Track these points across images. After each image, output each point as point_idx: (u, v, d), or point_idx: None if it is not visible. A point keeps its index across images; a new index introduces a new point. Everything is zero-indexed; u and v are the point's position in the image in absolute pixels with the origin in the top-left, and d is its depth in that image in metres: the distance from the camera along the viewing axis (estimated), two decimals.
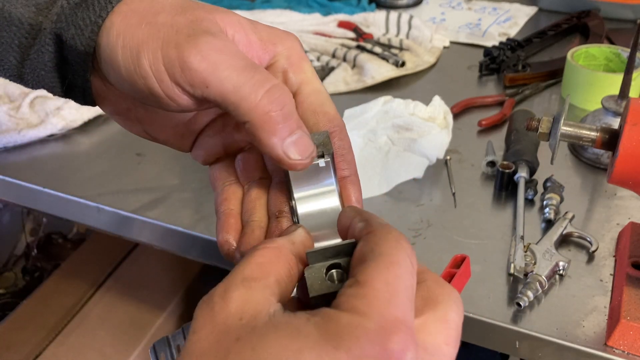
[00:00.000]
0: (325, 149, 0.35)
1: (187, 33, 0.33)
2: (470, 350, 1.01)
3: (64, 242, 1.41)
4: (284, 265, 0.30)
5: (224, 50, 0.33)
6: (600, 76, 0.87)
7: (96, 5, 0.35)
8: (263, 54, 0.37)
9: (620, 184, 0.52)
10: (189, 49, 0.33)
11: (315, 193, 0.37)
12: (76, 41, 0.36)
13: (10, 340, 1.08)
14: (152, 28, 0.34)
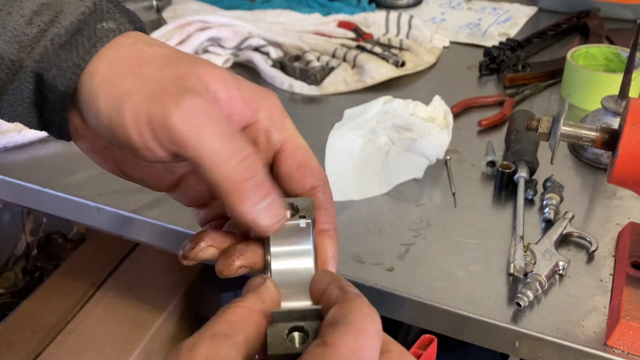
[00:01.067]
0: (308, 214, 0.37)
1: (173, 91, 0.34)
2: (470, 350, 1.01)
3: (64, 242, 1.41)
4: (254, 325, 0.31)
5: (208, 113, 0.34)
6: (600, 76, 0.87)
7: (80, 48, 0.35)
8: (245, 112, 0.38)
9: (620, 184, 0.52)
10: (174, 109, 0.33)
11: (292, 251, 0.37)
12: (57, 81, 0.36)
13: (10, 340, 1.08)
14: (138, 80, 0.34)
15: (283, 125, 0.39)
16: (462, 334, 0.60)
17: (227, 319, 0.31)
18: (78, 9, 0.36)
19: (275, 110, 0.39)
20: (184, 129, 0.33)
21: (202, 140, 0.33)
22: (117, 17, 0.37)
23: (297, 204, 0.38)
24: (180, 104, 0.33)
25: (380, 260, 0.64)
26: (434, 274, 0.62)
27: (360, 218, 0.71)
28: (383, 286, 0.61)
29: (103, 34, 0.36)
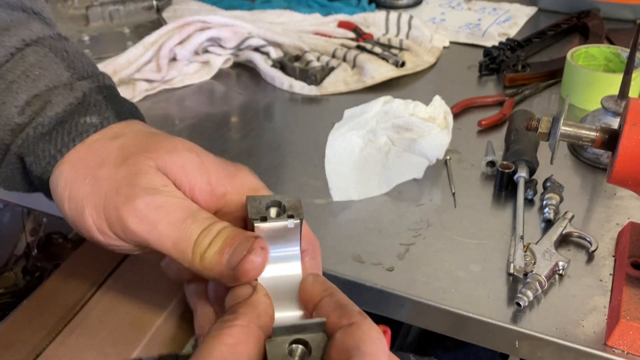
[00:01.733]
0: (296, 213, 0.36)
1: (125, 194, 0.35)
2: (469, 350, 1.02)
3: (64, 242, 1.40)
4: (254, 345, 0.30)
5: (163, 206, 0.35)
6: (600, 76, 0.87)
7: (59, 140, 0.37)
8: (210, 200, 0.38)
9: (619, 184, 0.52)
10: (127, 212, 0.35)
11: (279, 256, 0.36)
12: (33, 168, 0.38)
13: (10, 340, 1.08)
14: (95, 184, 0.36)
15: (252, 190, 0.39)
16: (462, 334, 0.60)
17: (225, 342, 0.29)
18: (66, 99, 0.38)
19: (244, 188, 0.39)
20: (140, 228, 0.35)
21: (162, 234, 0.35)
22: (102, 110, 0.38)
23: (284, 202, 0.36)
24: (134, 207, 0.35)
25: (380, 260, 0.64)
26: (434, 274, 0.62)
27: (360, 218, 0.71)
28: (383, 286, 0.61)
29: (84, 129, 0.37)
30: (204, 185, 0.37)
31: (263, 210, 0.35)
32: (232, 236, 0.35)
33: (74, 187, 0.37)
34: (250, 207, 0.35)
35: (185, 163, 0.37)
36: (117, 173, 0.36)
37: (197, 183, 0.37)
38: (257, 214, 0.35)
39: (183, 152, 0.37)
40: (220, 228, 0.35)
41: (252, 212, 0.35)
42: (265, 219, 0.35)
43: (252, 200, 0.36)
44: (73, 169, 0.37)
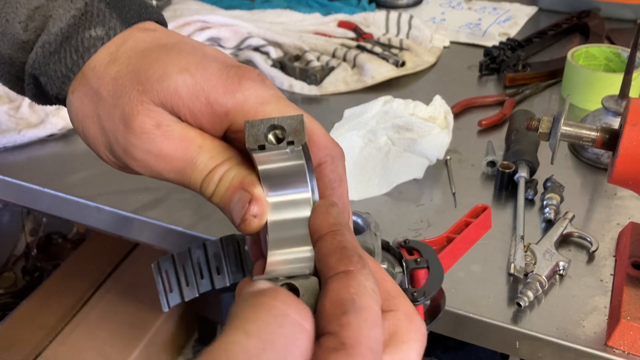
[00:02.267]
0: (297, 138, 0.32)
1: (123, 145, 0.36)
2: (470, 350, 1.01)
3: (64, 242, 1.41)
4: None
5: (160, 155, 0.35)
6: (601, 76, 0.87)
7: (68, 59, 0.37)
8: (214, 122, 0.36)
9: (620, 183, 0.52)
10: (130, 162, 0.36)
11: (287, 200, 0.34)
12: (48, 88, 0.38)
13: (10, 340, 1.08)
14: (100, 125, 0.37)
15: (259, 111, 0.35)
16: (463, 334, 0.60)
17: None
18: (68, 12, 0.37)
19: (247, 104, 0.35)
20: (146, 173, 0.36)
21: (167, 177, 0.36)
22: (106, 20, 0.37)
23: (285, 125, 0.32)
24: (133, 157, 0.36)
25: None
26: None
27: None
28: None
29: (90, 43, 0.37)
30: (203, 107, 0.35)
31: (261, 137, 0.32)
32: (232, 187, 0.35)
33: (85, 125, 0.37)
34: (248, 134, 0.32)
35: (177, 88, 0.34)
36: (113, 114, 0.35)
37: (195, 106, 0.35)
38: (255, 142, 0.32)
39: (173, 77, 0.34)
40: (221, 174, 0.35)
41: (249, 140, 0.32)
42: (264, 148, 0.32)
43: (250, 126, 0.32)
44: (81, 104, 0.37)
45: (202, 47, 0.38)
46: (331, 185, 0.36)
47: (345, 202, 0.37)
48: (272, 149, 0.32)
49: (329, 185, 0.36)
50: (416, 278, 0.54)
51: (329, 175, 0.36)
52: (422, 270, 0.54)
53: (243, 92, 0.35)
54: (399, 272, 0.53)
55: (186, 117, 0.35)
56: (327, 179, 0.36)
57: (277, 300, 0.26)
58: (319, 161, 0.35)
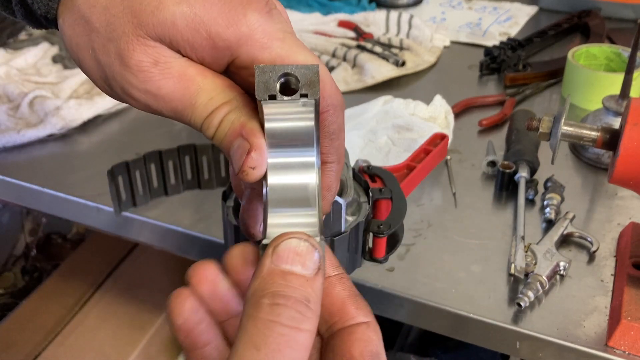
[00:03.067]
0: (311, 90, 0.30)
1: (121, 85, 0.34)
2: (470, 351, 1.01)
3: (63, 242, 1.40)
4: None
5: (159, 95, 0.33)
6: (601, 76, 0.87)
7: None
8: (216, 56, 0.33)
9: (621, 183, 0.52)
10: (129, 100, 0.34)
11: (291, 162, 0.32)
12: (36, 7, 0.35)
13: (10, 340, 1.08)
14: (95, 58, 0.34)
15: (265, 47, 0.33)
16: (463, 334, 0.59)
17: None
18: None
19: (252, 39, 0.32)
20: (147, 109, 0.34)
21: (166, 115, 0.34)
22: None
23: (299, 75, 0.30)
24: (132, 96, 0.34)
25: None
26: (434, 274, 0.62)
27: None
28: (383, 286, 0.61)
29: None
30: (204, 40, 0.32)
31: (273, 85, 0.30)
32: (232, 132, 0.33)
33: (80, 56, 0.35)
34: (258, 81, 0.30)
35: (175, 20, 0.32)
36: (108, 48, 0.33)
37: (196, 40, 0.32)
38: (266, 91, 0.29)
39: (170, 8, 0.32)
40: (221, 117, 0.33)
41: (259, 88, 0.30)
42: (275, 97, 0.30)
43: (260, 72, 0.30)
44: (73, 33, 0.35)
45: None
46: (330, 136, 0.35)
47: (342, 152, 0.36)
48: (283, 99, 0.30)
49: (327, 135, 0.34)
50: (378, 208, 0.55)
51: (330, 125, 0.34)
52: (386, 200, 0.55)
53: (248, 25, 0.32)
54: (365, 202, 0.54)
55: (186, 51, 0.33)
56: (327, 129, 0.34)
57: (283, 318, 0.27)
58: (322, 109, 0.33)
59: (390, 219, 0.54)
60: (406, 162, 0.69)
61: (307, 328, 0.27)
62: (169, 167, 0.60)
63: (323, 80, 0.32)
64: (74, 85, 0.95)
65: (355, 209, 0.54)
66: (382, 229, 0.53)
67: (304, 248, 0.28)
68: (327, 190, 0.36)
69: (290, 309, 0.27)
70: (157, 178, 0.60)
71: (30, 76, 0.98)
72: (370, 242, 0.55)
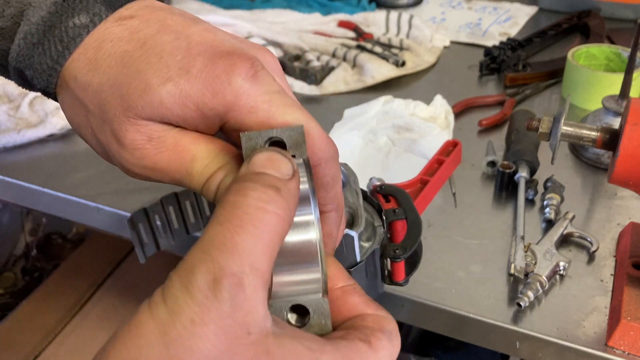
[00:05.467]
0: (298, 151, 0.30)
1: (118, 160, 0.35)
2: (470, 351, 1.01)
3: (64, 242, 1.40)
4: None
5: (157, 169, 0.34)
6: (601, 76, 0.87)
7: (53, 51, 0.34)
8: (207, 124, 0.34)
9: (620, 184, 0.52)
10: (128, 173, 0.36)
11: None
12: (35, 82, 0.36)
13: (10, 340, 1.08)
14: (93, 140, 0.36)
15: (252, 112, 0.33)
16: (463, 334, 0.60)
17: None
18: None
19: (238, 105, 0.33)
20: (147, 180, 0.36)
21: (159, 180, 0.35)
22: (90, 4, 0.35)
23: (284, 138, 0.30)
24: (133, 173, 0.35)
25: None
26: (434, 274, 0.62)
27: None
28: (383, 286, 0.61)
29: (75, 33, 0.34)
30: (193, 113, 0.33)
31: (258, 148, 0.31)
32: None
33: (81, 133, 0.36)
34: (245, 148, 0.30)
35: (162, 100, 0.32)
36: (104, 129, 0.34)
37: (186, 113, 0.33)
38: None
39: (156, 89, 0.32)
40: (218, 182, 0.33)
41: (247, 154, 0.30)
42: None
43: (247, 139, 0.30)
44: (73, 113, 0.36)
45: (186, 32, 0.35)
46: (325, 187, 0.35)
47: (339, 200, 0.37)
48: None
49: (322, 187, 0.35)
50: (395, 229, 0.54)
51: (323, 178, 0.35)
52: (401, 221, 0.54)
53: (233, 92, 0.32)
54: (379, 226, 0.53)
55: (178, 123, 0.34)
56: (321, 182, 0.35)
57: (249, 199, 0.27)
58: (314, 163, 0.34)
59: (406, 241, 0.53)
60: (419, 177, 0.68)
61: (274, 210, 0.27)
62: (187, 207, 0.61)
63: (312, 135, 0.33)
64: None
65: (371, 234, 0.53)
66: (398, 253, 0.52)
67: (276, 157, 0.29)
68: (329, 238, 0.37)
69: (258, 191, 0.27)
70: (177, 219, 0.61)
71: None
72: (389, 266, 0.54)
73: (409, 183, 0.67)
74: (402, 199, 0.56)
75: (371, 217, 0.54)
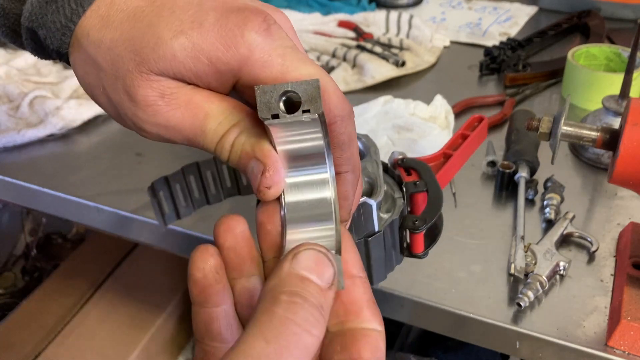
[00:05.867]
0: (313, 105, 0.29)
1: (132, 120, 0.35)
2: (470, 351, 1.01)
3: (64, 242, 1.41)
4: None
5: (169, 126, 0.34)
6: (601, 76, 0.87)
7: (66, 8, 0.34)
8: (221, 79, 0.34)
9: (620, 184, 0.52)
10: (142, 133, 0.35)
11: (305, 180, 0.33)
12: (48, 42, 0.36)
13: (10, 340, 1.08)
14: (105, 95, 0.35)
15: (265, 66, 0.33)
16: (463, 334, 0.60)
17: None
18: None
19: (252, 59, 0.32)
20: (160, 139, 0.35)
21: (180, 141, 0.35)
22: None
23: (299, 91, 0.29)
24: (145, 130, 0.35)
25: None
26: (434, 274, 0.62)
27: None
28: (383, 286, 0.61)
29: None
30: (206, 67, 0.33)
31: (274, 105, 0.30)
32: (245, 154, 0.33)
33: (93, 94, 0.36)
34: (259, 101, 0.30)
35: (175, 53, 0.32)
36: (116, 85, 0.34)
37: (198, 68, 0.33)
38: (268, 111, 0.30)
39: (168, 42, 0.32)
40: (232, 140, 0.34)
41: (261, 108, 0.30)
42: (278, 116, 0.30)
43: (261, 93, 0.30)
44: (85, 73, 0.36)
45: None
46: (340, 147, 0.34)
47: (356, 161, 0.36)
48: (286, 118, 0.30)
49: (338, 147, 0.34)
50: (415, 202, 0.54)
51: (339, 137, 0.34)
52: (421, 193, 0.53)
53: (246, 45, 0.32)
54: (399, 197, 0.52)
55: (191, 79, 0.34)
56: (337, 140, 0.34)
57: (298, 318, 0.27)
58: (329, 121, 0.33)
59: (426, 213, 0.52)
60: (442, 151, 0.66)
61: (316, 334, 0.27)
62: (208, 177, 0.61)
63: (328, 92, 0.32)
64: (74, 85, 0.95)
65: (391, 205, 0.52)
66: (417, 225, 0.51)
67: (322, 260, 0.29)
68: (344, 200, 0.36)
69: (306, 311, 0.27)
70: (198, 189, 0.61)
71: (31, 76, 0.98)
72: (408, 238, 0.54)
73: (432, 157, 0.65)
74: (424, 172, 0.55)
75: (391, 189, 0.53)
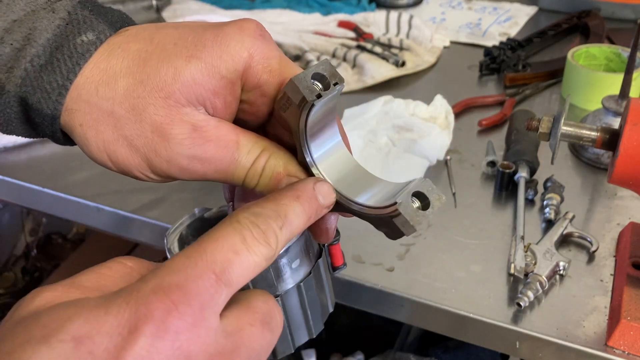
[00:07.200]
0: (337, 78, 0.34)
1: (166, 157, 0.35)
2: (470, 351, 1.01)
3: (64, 242, 1.41)
4: None
5: (203, 159, 0.35)
6: (601, 76, 0.87)
7: (63, 67, 0.35)
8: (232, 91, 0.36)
9: (620, 184, 0.52)
10: (174, 171, 0.36)
11: (326, 148, 0.37)
12: (42, 105, 0.35)
13: None
14: (127, 151, 0.36)
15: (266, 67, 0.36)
16: (463, 334, 0.60)
17: None
18: (52, 22, 0.35)
19: (254, 61, 0.35)
20: (190, 177, 0.37)
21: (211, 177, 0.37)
22: (94, 25, 0.36)
23: (323, 71, 0.34)
24: (178, 167, 0.36)
25: (380, 260, 0.64)
26: (434, 274, 0.62)
27: None
28: (383, 286, 0.61)
29: (84, 49, 0.35)
30: (220, 82, 0.35)
31: (313, 87, 0.34)
32: (276, 175, 0.36)
33: (111, 151, 0.36)
34: (302, 88, 0.34)
35: (194, 77, 0.35)
36: (143, 129, 0.35)
37: (215, 86, 0.35)
38: (312, 93, 0.34)
39: (186, 69, 0.34)
40: (262, 165, 0.36)
41: (306, 93, 0.33)
42: (320, 96, 0.34)
43: (299, 80, 0.34)
44: (96, 133, 0.36)
45: (182, 23, 0.37)
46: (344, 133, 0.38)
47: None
48: (326, 94, 0.34)
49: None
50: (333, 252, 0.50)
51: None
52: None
53: (247, 49, 0.35)
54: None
55: (211, 100, 0.35)
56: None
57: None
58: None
59: None
60: None
61: (301, 215, 0.33)
62: None
63: None
64: None
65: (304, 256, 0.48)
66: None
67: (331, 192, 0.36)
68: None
69: (303, 200, 0.33)
70: None
71: None
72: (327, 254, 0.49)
73: None
74: None
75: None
